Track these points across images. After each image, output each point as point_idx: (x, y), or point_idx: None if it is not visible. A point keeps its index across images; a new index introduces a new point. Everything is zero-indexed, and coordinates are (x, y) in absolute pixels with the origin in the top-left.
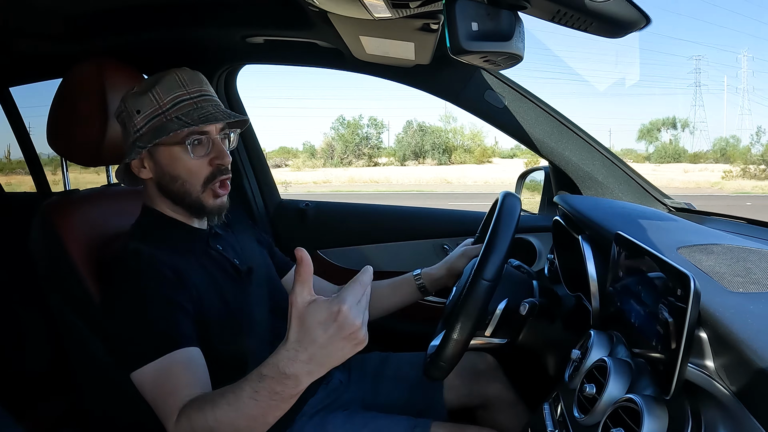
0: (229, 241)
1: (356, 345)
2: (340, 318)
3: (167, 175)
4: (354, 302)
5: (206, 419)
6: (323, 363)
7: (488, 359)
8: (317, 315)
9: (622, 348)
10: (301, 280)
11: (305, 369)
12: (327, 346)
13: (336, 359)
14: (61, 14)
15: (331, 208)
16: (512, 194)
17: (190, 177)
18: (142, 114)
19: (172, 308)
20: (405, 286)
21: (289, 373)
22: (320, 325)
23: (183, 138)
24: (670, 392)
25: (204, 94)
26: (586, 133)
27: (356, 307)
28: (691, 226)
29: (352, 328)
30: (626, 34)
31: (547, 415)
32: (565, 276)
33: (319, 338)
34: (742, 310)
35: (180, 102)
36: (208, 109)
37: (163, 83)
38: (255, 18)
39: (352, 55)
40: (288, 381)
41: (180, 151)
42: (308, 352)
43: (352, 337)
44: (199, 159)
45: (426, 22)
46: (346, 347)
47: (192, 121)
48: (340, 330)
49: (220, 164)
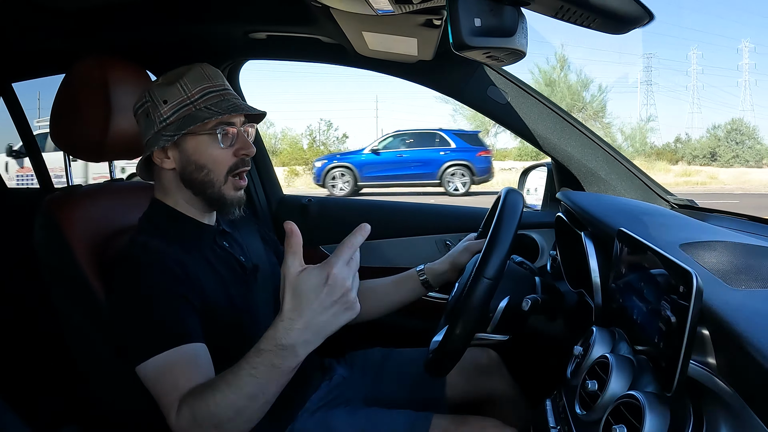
0: (235, 239)
1: (347, 309)
2: (330, 280)
3: (193, 164)
4: (343, 264)
5: (207, 404)
6: (318, 330)
7: (490, 355)
8: (309, 281)
9: (624, 344)
10: (292, 251)
11: (301, 338)
12: (321, 312)
13: (331, 325)
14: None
15: (334, 203)
16: (515, 190)
17: (216, 166)
18: (170, 104)
19: (179, 302)
20: (408, 282)
21: (286, 343)
22: (312, 290)
23: (212, 127)
24: (671, 389)
25: (227, 87)
26: (589, 129)
27: (345, 268)
28: (693, 223)
29: (342, 289)
30: (629, 30)
31: (549, 411)
32: (567, 272)
33: (313, 303)
34: (745, 307)
35: (208, 93)
36: (233, 101)
37: (190, 75)
38: (258, 14)
39: (355, 51)
40: (285, 352)
41: (208, 140)
42: (303, 320)
43: (343, 300)
44: (226, 149)
45: (429, 17)
46: (339, 312)
47: (221, 110)
48: (331, 292)
49: (246, 154)
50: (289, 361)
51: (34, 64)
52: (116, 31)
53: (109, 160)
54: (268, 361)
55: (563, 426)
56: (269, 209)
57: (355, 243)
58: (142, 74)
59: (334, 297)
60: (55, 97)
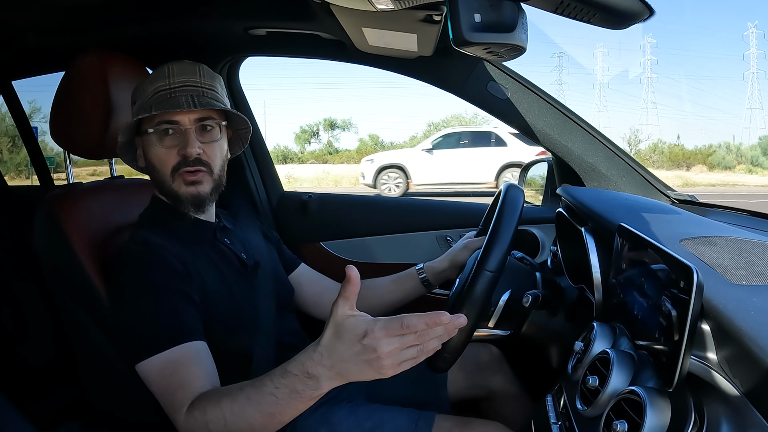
0: (236, 235)
1: (378, 371)
2: (366, 341)
3: (147, 163)
4: (384, 332)
5: (223, 412)
6: (342, 374)
7: (492, 351)
8: (350, 329)
9: (624, 340)
10: (345, 296)
11: (327, 374)
12: (348, 361)
13: (354, 375)
14: (64, 6)
15: (334, 200)
16: (515, 186)
17: (161, 166)
18: (136, 105)
19: (179, 299)
20: (408, 281)
21: (312, 373)
22: (349, 339)
23: (155, 125)
24: (672, 384)
25: (186, 84)
26: (589, 124)
27: (386, 338)
28: (694, 218)
29: (376, 353)
30: (630, 25)
31: (550, 407)
32: (568, 268)
33: (344, 352)
34: (745, 302)
35: (158, 92)
36: (179, 99)
37: (153, 75)
38: (258, 10)
39: (355, 47)
40: (310, 381)
41: (153, 139)
42: (331, 360)
43: (374, 363)
44: (168, 148)
45: (429, 13)
46: (365, 369)
47: (160, 108)
48: (364, 351)
49: (184, 154)
50: (311, 390)
51: (35, 62)
52: (116, 28)
53: (108, 157)
54: (291, 385)
55: (564, 421)
56: (270, 206)
57: (406, 324)
58: (142, 71)
59: (366, 357)
60: (55, 95)
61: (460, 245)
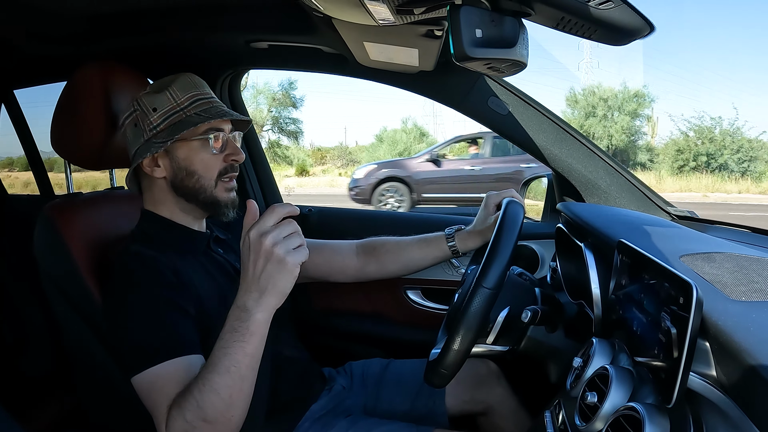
0: (230, 245)
1: (283, 267)
2: (254, 245)
3: (184, 170)
4: (260, 231)
5: (192, 394)
6: (261, 289)
7: (490, 366)
8: (245, 247)
9: (624, 356)
10: (245, 228)
11: (251, 297)
12: (258, 273)
13: (270, 284)
14: (66, 17)
15: (334, 213)
16: (516, 202)
17: (206, 171)
18: (159, 111)
19: (174, 312)
20: (433, 244)
21: (240, 304)
22: (247, 256)
23: (203, 132)
24: (672, 401)
25: (214, 96)
26: (590, 140)
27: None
28: (693, 234)
29: (268, 250)
30: (630, 41)
31: (549, 423)
32: (567, 283)
33: (250, 267)
34: (745, 318)
35: (198, 100)
36: (221, 108)
37: (178, 83)
38: (259, 23)
39: (356, 61)
40: (243, 314)
41: (199, 145)
42: (246, 282)
43: (272, 260)
44: (216, 154)
45: (430, 28)
46: (274, 273)
47: (212, 116)
48: (258, 255)
49: (235, 160)
50: (246, 322)
51: (36, 71)
52: (118, 39)
53: (109, 168)
54: (230, 327)
55: None
56: None
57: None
58: (143, 82)
59: (263, 259)
60: (57, 104)
61: (482, 212)
